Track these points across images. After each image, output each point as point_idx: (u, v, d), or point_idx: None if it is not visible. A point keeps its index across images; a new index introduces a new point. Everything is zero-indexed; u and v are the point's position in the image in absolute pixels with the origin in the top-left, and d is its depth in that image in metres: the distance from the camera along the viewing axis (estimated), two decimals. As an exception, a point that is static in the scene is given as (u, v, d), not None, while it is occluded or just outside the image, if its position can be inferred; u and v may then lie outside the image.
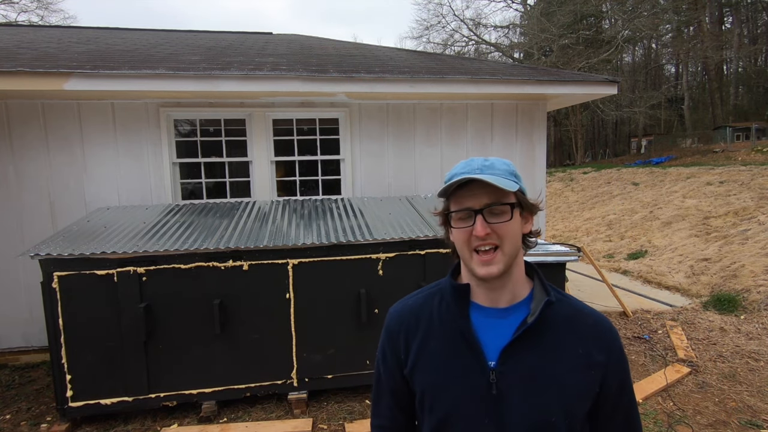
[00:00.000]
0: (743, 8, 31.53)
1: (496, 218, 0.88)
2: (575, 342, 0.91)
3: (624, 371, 0.94)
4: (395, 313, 1.04)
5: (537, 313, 0.90)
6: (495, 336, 0.92)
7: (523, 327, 0.90)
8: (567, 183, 17.65)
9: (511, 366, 0.89)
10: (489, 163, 0.91)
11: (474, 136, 5.21)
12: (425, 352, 0.96)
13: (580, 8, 25.40)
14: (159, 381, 3.16)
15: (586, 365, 0.90)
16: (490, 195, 0.88)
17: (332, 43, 6.99)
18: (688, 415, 3.18)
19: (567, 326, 0.93)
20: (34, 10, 24.68)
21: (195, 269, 3.15)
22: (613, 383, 0.92)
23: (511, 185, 0.88)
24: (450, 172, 0.94)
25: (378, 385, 1.07)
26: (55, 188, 4.39)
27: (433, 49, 29.47)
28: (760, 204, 8.69)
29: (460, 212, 0.90)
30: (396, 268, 3.40)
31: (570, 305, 0.96)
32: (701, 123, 30.38)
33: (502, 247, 0.88)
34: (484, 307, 0.94)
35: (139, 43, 5.75)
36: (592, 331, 0.93)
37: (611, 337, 0.94)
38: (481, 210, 0.88)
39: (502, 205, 0.89)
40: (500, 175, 0.89)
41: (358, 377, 3.42)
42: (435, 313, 0.98)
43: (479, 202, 0.88)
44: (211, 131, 4.80)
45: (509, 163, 0.94)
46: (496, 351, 0.90)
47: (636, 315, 5.17)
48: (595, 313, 0.97)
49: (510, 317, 0.93)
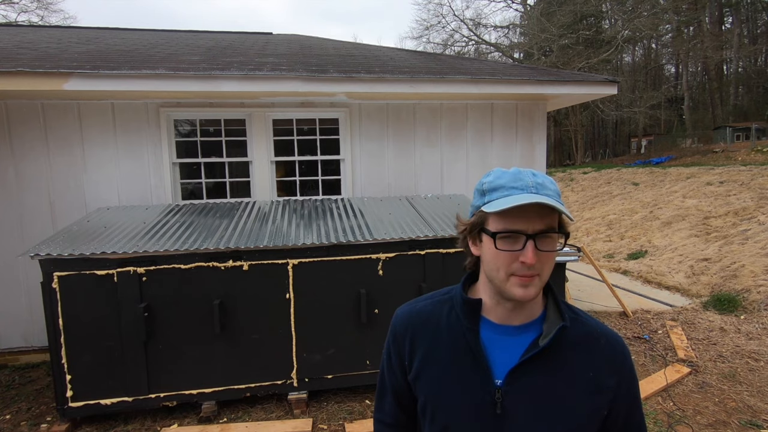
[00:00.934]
0: (743, 8, 31.53)
1: (547, 245, 0.82)
2: (586, 365, 0.89)
3: (634, 393, 0.92)
4: (403, 316, 1.01)
5: (550, 337, 0.86)
6: (504, 354, 0.89)
7: (534, 349, 0.87)
8: (567, 183, 17.65)
9: (518, 386, 0.87)
10: (540, 180, 0.83)
11: (474, 137, 5.21)
12: (430, 361, 0.94)
13: (580, 8, 25.41)
14: (159, 381, 3.16)
15: (596, 389, 0.88)
16: (545, 220, 0.81)
17: (332, 43, 6.99)
18: (688, 415, 3.18)
19: (578, 349, 0.90)
20: (34, 10, 24.70)
21: (195, 269, 3.15)
22: (622, 406, 0.90)
23: (568, 212, 0.82)
24: (491, 180, 0.86)
25: (382, 383, 1.07)
26: (55, 188, 4.39)
27: (433, 49, 29.48)
28: (760, 204, 8.69)
29: (508, 233, 0.82)
30: (396, 268, 3.40)
31: (582, 325, 0.93)
32: (701, 123, 30.38)
33: (541, 274, 0.83)
34: (496, 324, 0.91)
35: (139, 43, 5.75)
36: (604, 354, 0.90)
37: (622, 360, 0.91)
38: (534, 236, 0.81)
39: (557, 233, 0.83)
40: (553, 197, 0.82)
41: (358, 377, 3.42)
42: (444, 323, 0.95)
43: (532, 227, 0.81)
44: (211, 131, 4.80)
45: (554, 182, 0.87)
46: (503, 369, 0.88)
47: (636, 315, 5.17)
48: (607, 333, 0.93)
49: (521, 336, 0.90)
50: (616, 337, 0.94)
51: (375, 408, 1.10)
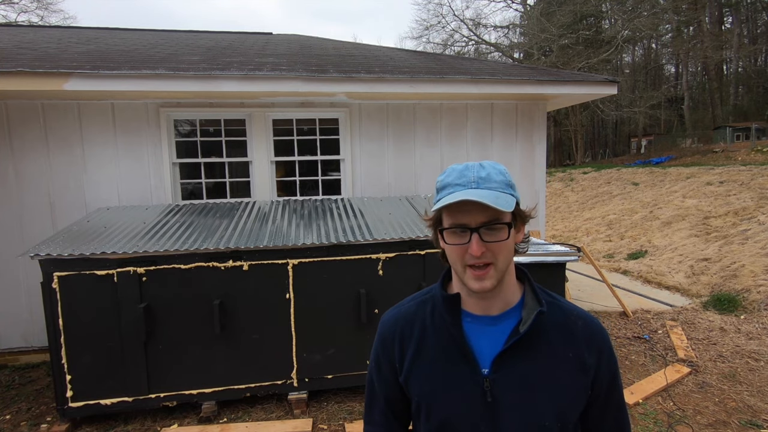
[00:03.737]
0: (743, 8, 31.53)
1: (493, 236, 0.85)
2: (566, 346, 0.92)
3: (614, 371, 0.95)
4: (389, 320, 1.03)
5: (529, 323, 0.89)
6: (488, 343, 0.92)
7: (514, 336, 0.89)
8: (567, 183, 17.65)
9: (504, 373, 0.89)
10: (485, 174, 0.86)
11: (474, 137, 5.21)
12: (420, 360, 0.96)
13: (580, 8, 25.42)
14: (159, 381, 3.15)
15: (578, 369, 0.91)
16: (487, 212, 0.84)
17: (332, 43, 6.99)
18: (688, 415, 3.18)
19: (558, 331, 0.93)
20: (34, 10, 24.72)
21: (195, 269, 3.15)
22: (604, 383, 0.93)
23: (509, 203, 0.84)
24: (442, 178, 0.90)
25: (371, 392, 1.06)
26: (55, 188, 4.39)
27: (433, 49, 29.49)
28: (760, 204, 8.69)
29: (454, 228, 0.87)
30: (396, 268, 3.40)
31: (560, 309, 0.96)
32: (701, 123, 30.38)
33: (495, 263, 0.86)
34: (476, 315, 0.94)
35: (139, 44, 5.75)
36: (583, 335, 0.93)
37: (601, 339, 0.94)
38: (477, 228, 0.84)
39: (500, 224, 0.85)
40: (497, 189, 0.85)
41: (358, 377, 3.42)
42: (428, 321, 0.98)
43: (475, 220, 0.84)
44: (211, 131, 4.80)
45: (505, 171, 0.89)
46: (489, 358, 0.90)
47: (636, 315, 5.17)
48: (584, 315, 0.97)
49: (502, 324, 0.93)
50: (592, 318, 0.97)
51: (365, 421, 1.08)
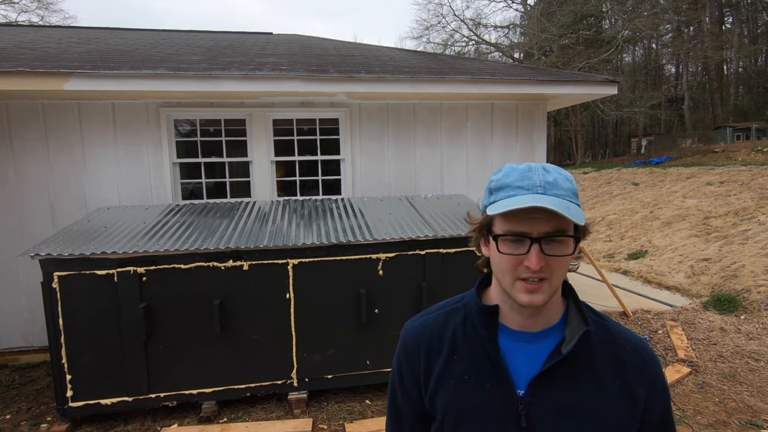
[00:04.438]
0: (743, 8, 31.54)
1: (556, 250, 0.76)
2: (613, 373, 0.82)
3: (666, 405, 0.85)
4: (414, 329, 0.94)
5: (573, 343, 0.80)
6: (525, 362, 0.83)
7: (556, 357, 0.80)
8: (567, 183, 17.62)
9: (542, 397, 0.81)
10: (552, 179, 0.77)
11: (474, 137, 5.21)
12: (448, 375, 0.87)
13: (580, 8, 25.41)
14: (159, 381, 3.16)
15: (626, 399, 0.81)
16: (552, 222, 0.75)
17: (332, 43, 6.99)
18: (688, 415, 3.18)
19: (604, 356, 0.83)
20: (34, 10, 24.73)
21: (195, 269, 3.15)
22: (655, 419, 0.84)
23: (580, 215, 0.74)
24: (498, 177, 0.81)
25: (394, 406, 0.96)
26: (55, 188, 4.38)
27: (433, 49, 29.49)
28: (760, 204, 8.69)
29: (512, 236, 0.77)
30: (396, 268, 3.40)
31: (607, 330, 0.86)
32: (701, 123, 30.39)
33: (550, 279, 0.77)
34: (514, 331, 0.85)
35: (139, 43, 5.75)
36: (633, 362, 0.84)
37: (654, 368, 0.85)
38: (540, 239, 0.75)
39: (566, 237, 0.76)
40: (566, 197, 0.76)
41: (358, 377, 3.42)
42: (459, 333, 0.88)
43: (538, 229, 0.75)
44: (211, 131, 4.80)
45: (571, 179, 0.79)
46: (526, 379, 0.82)
47: (636, 315, 5.17)
48: (634, 340, 0.87)
49: (542, 342, 0.84)
50: (643, 344, 0.87)
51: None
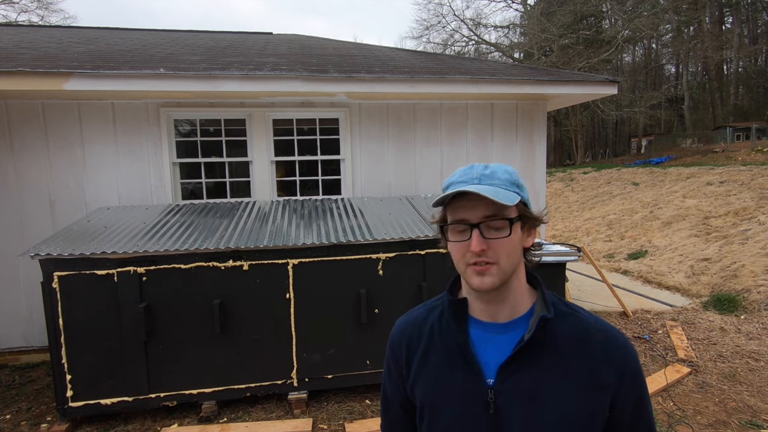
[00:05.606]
0: (743, 8, 31.52)
1: (494, 233, 0.83)
2: (582, 361, 0.85)
3: (640, 394, 0.87)
4: (399, 326, 1.03)
5: (533, 330, 0.84)
6: (494, 352, 0.88)
7: (520, 344, 0.84)
8: (567, 183, 17.65)
9: (510, 384, 0.85)
10: (489, 171, 0.85)
11: (474, 137, 5.21)
12: (425, 366, 0.94)
13: (580, 8, 25.41)
14: (159, 381, 3.16)
15: (593, 386, 0.84)
16: (489, 207, 0.82)
17: (332, 43, 6.99)
18: (688, 415, 3.18)
19: (573, 344, 0.86)
20: (34, 10, 24.71)
21: (195, 269, 3.15)
22: (627, 408, 0.86)
23: (511, 198, 0.82)
24: (448, 179, 0.90)
25: (385, 401, 1.05)
26: (55, 188, 4.39)
27: (433, 49, 29.48)
28: (760, 204, 8.69)
29: (455, 224, 0.85)
30: (396, 268, 3.40)
31: (579, 320, 0.89)
32: (701, 123, 30.38)
33: (498, 263, 0.83)
34: (484, 322, 0.91)
35: (139, 43, 5.75)
36: (602, 349, 0.86)
37: (625, 356, 0.86)
38: (478, 224, 0.82)
39: (501, 220, 0.83)
40: (500, 186, 0.84)
41: (358, 377, 3.42)
42: (436, 327, 0.96)
43: (476, 215, 0.83)
44: (211, 131, 4.80)
45: (512, 171, 0.87)
46: (495, 368, 0.86)
47: (636, 315, 5.17)
48: (607, 329, 0.89)
49: (510, 333, 0.88)
50: (616, 333, 0.90)
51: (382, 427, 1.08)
